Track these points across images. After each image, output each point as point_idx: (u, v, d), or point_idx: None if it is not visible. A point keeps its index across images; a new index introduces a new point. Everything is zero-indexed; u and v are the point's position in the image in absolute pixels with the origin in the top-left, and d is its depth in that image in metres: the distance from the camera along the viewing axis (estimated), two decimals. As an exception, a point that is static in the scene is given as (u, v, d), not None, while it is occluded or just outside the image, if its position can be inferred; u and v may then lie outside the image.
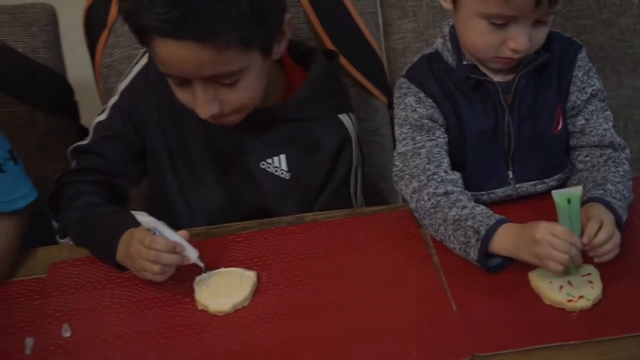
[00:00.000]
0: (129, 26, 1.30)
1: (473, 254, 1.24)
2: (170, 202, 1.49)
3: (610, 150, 1.37)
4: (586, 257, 1.21)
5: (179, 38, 1.22)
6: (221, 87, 1.30)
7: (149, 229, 1.23)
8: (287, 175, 1.46)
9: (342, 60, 1.62)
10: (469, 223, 1.25)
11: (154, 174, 1.52)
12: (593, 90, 1.38)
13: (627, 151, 1.38)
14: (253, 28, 1.25)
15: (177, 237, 1.24)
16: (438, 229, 1.30)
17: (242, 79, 1.30)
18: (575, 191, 1.19)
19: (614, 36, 1.72)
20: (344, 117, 1.47)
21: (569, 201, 1.18)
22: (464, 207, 1.28)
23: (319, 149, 1.45)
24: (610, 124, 1.39)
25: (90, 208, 1.38)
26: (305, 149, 1.46)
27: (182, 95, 1.34)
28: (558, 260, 1.16)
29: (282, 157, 1.46)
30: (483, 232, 1.23)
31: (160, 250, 1.21)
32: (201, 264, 1.26)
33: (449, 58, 1.37)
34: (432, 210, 1.30)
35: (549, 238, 1.17)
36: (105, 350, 1.19)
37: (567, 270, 1.19)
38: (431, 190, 1.31)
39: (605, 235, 1.19)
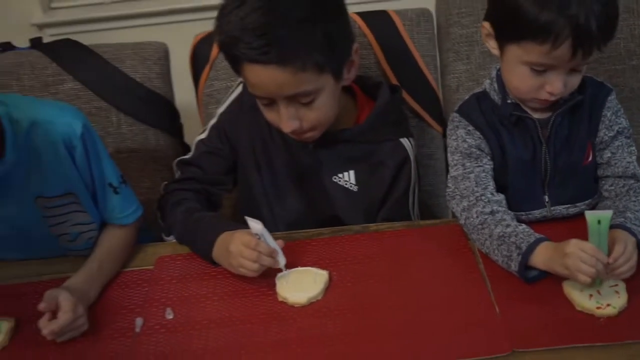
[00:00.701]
0: (224, 57, 1.33)
1: (514, 266, 1.23)
2: (257, 209, 1.51)
3: (633, 181, 1.35)
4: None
5: (263, 63, 1.25)
6: (300, 106, 1.32)
7: (256, 234, 1.25)
8: (355, 188, 1.47)
9: (405, 94, 1.63)
10: (512, 239, 1.25)
11: (243, 185, 1.54)
12: (620, 128, 1.36)
13: None
14: (325, 54, 1.27)
15: (276, 245, 1.27)
16: (484, 243, 1.29)
17: (318, 98, 1.32)
18: (606, 214, 1.18)
19: (642, 80, 1.69)
20: (404, 141, 1.47)
21: (599, 222, 1.17)
22: (508, 226, 1.27)
23: (382, 166, 1.46)
24: (634, 157, 1.37)
25: (192, 212, 1.40)
26: (371, 166, 1.47)
27: (269, 114, 1.37)
28: (585, 272, 1.15)
29: (351, 172, 1.47)
30: (524, 248, 1.22)
31: (262, 253, 1.25)
32: (284, 269, 1.29)
33: (495, 97, 1.37)
34: (480, 226, 1.30)
35: (578, 252, 1.16)
36: (200, 331, 1.21)
37: (592, 284, 1.18)
38: (479, 209, 1.31)
39: (623, 260, 1.18)
